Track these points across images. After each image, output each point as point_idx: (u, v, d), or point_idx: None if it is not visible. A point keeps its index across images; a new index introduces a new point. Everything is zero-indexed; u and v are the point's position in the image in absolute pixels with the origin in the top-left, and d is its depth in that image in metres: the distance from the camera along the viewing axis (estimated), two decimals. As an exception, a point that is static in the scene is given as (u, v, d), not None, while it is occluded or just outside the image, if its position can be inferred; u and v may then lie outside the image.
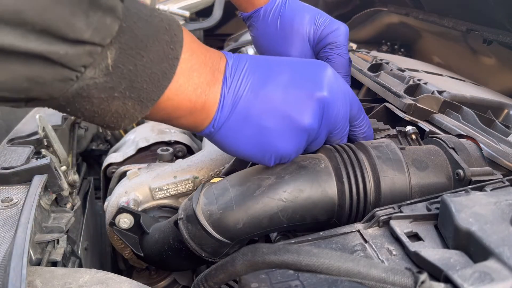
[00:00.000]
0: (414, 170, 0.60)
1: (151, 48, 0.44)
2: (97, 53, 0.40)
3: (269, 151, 0.55)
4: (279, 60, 0.58)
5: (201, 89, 0.50)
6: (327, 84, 0.56)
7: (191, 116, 0.51)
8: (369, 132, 0.67)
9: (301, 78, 0.56)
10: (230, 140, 0.54)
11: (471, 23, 1.12)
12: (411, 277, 0.37)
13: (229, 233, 0.57)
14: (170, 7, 1.79)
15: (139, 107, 0.46)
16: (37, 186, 0.64)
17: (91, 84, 0.41)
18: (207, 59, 0.52)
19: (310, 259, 0.38)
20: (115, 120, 0.46)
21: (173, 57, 0.47)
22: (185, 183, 0.85)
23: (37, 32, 0.35)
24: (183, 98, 0.49)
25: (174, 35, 0.47)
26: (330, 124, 0.59)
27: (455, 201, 0.47)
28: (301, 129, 0.55)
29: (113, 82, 0.43)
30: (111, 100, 0.44)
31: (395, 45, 1.66)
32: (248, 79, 0.53)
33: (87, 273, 0.50)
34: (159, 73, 0.45)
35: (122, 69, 0.43)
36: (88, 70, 0.41)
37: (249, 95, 0.53)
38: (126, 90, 0.44)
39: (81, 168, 1.20)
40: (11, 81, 0.37)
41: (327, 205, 0.58)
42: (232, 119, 0.53)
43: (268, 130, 0.54)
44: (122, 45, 0.42)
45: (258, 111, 0.53)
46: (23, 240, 0.51)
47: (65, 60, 0.38)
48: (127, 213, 0.73)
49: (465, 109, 0.78)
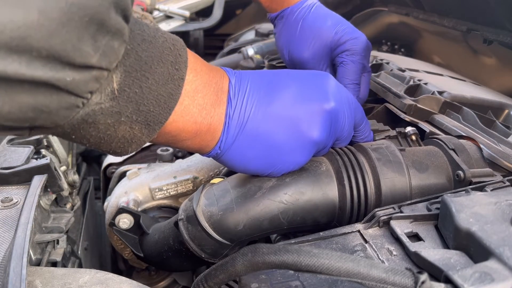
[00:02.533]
0: (414, 172, 0.60)
1: (156, 69, 0.43)
2: (104, 78, 0.39)
3: (277, 166, 0.55)
4: (282, 74, 0.57)
5: (206, 111, 0.50)
6: (333, 95, 0.56)
7: (196, 138, 0.51)
8: (369, 136, 0.67)
9: (306, 91, 0.55)
10: (237, 160, 0.54)
11: (471, 23, 1.12)
12: (412, 278, 0.37)
13: (229, 234, 0.57)
14: (170, 7, 1.80)
15: (146, 130, 0.45)
16: (37, 186, 0.64)
17: (97, 110, 0.41)
18: (211, 78, 0.51)
19: (310, 260, 0.38)
20: (122, 146, 0.45)
21: (178, 78, 0.46)
22: (185, 183, 0.85)
23: (43, 58, 0.34)
24: (189, 120, 0.49)
25: (179, 55, 0.46)
26: (337, 133, 0.59)
27: (455, 201, 0.47)
28: (311, 143, 0.55)
29: (119, 107, 0.42)
30: (117, 125, 0.43)
31: (395, 45, 1.66)
32: (254, 98, 0.53)
33: (87, 273, 0.50)
34: (165, 95, 0.45)
35: (128, 92, 0.42)
36: (94, 96, 0.40)
37: (256, 114, 0.52)
38: (133, 114, 0.43)
39: (81, 168, 1.20)
40: (16, 111, 0.36)
41: (328, 207, 0.58)
42: (239, 140, 0.52)
43: (277, 148, 0.54)
44: (127, 68, 0.41)
45: (266, 130, 0.53)
46: (23, 240, 0.50)
47: (72, 86, 0.37)
48: (127, 214, 0.73)
49: (465, 110, 0.78)
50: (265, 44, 1.41)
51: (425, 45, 1.56)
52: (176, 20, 1.80)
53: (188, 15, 1.80)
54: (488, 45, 1.08)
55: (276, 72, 0.57)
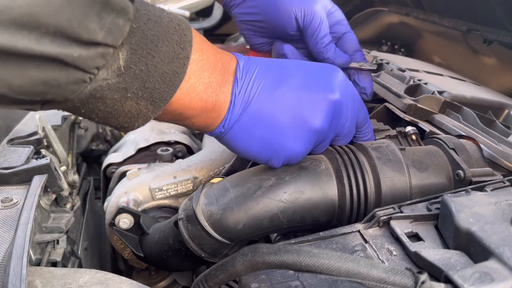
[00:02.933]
0: (415, 171, 0.60)
1: (162, 48, 0.45)
2: (110, 55, 0.41)
3: (278, 151, 0.55)
4: (291, 63, 0.58)
5: (212, 89, 0.51)
6: (339, 87, 0.57)
7: (202, 115, 0.52)
8: (371, 139, 0.67)
9: (313, 80, 0.56)
10: (240, 140, 0.55)
11: (471, 23, 1.12)
12: (412, 278, 0.37)
13: (229, 233, 0.57)
14: (170, 7, 1.79)
15: (152, 107, 0.47)
16: (37, 186, 0.64)
17: (104, 85, 0.42)
18: (217, 59, 0.52)
19: (310, 260, 0.38)
20: (129, 120, 0.47)
21: (184, 57, 0.47)
22: (185, 183, 0.85)
23: (51, 34, 0.36)
24: (194, 97, 0.50)
25: (184, 35, 0.47)
26: (338, 127, 0.59)
27: (455, 201, 0.47)
28: (312, 130, 0.55)
29: (125, 83, 0.43)
30: (124, 101, 0.44)
31: (396, 45, 1.66)
32: (260, 81, 0.54)
33: (87, 274, 0.49)
34: (170, 73, 0.46)
35: (134, 69, 0.43)
36: (101, 72, 0.41)
37: (261, 96, 0.53)
38: (139, 91, 0.44)
39: (81, 168, 1.20)
40: (27, 85, 0.38)
41: (328, 206, 0.58)
42: (243, 119, 0.53)
43: (279, 130, 0.54)
44: (133, 45, 0.43)
45: (270, 112, 0.54)
46: (23, 240, 0.50)
47: (79, 62, 0.39)
48: (127, 213, 0.73)
49: (465, 110, 0.78)
50: (265, 44, 1.40)
51: (425, 45, 1.56)
52: (176, 20, 1.79)
53: (188, 15, 1.79)
54: (488, 45, 1.08)
55: (285, 61, 0.58)
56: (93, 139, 1.36)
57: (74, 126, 1.16)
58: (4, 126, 1.27)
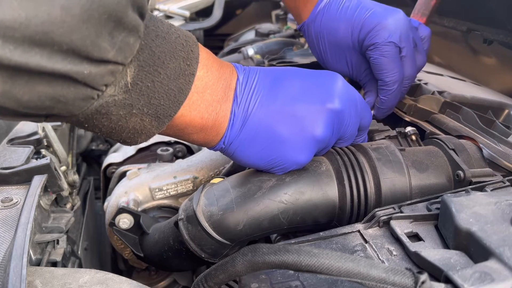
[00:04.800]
0: (414, 172, 0.60)
1: (168, 64, 0.45)
2: (119, 72, 0.41)
3: (280, 162, 0.56)
4: (289, 71, 0.57)
5: (213, 107, 0.51)
6: (338, 95, 0.56)
7: (202, 133, 0.52)
8: (365, 140, 0.67)
9: (311, 90, 0.56)
10: (241, 153, 0.55)
11: (471, 23, 1.12)
12: (412, 278, 0.37)
13: (229, 234, 0.57)
14: (170, 7, 1.79)
15: (156, 123, 0.47)
16: (37, 186, 0.64)
17: (111, 102, 0.42)
18: (220, 75, 0.52)
19: (310, 260, 0.38)
20: (132, 136, 0.47)
21: (190, 73, 0.47)
22: (185, 183, 0.85)
23: (63, 52, 0.36)
24: (196, 115, 0.50)
25: (191, 51, 0.47)
26: (340, 134, 0.59)
27: (455, 201, 0.47)
28: (314, 140, 0.55)
29: (131, 99, 0.43)
30: (129, 117, 0.45)
31: (395, 45, 1.65)
32: (258, 94, 0.54)
33: (87, 274, 0.49)
34: (175, 89, 0.46)
35: (141, 86, 0.43)
36: (109, 88, 0.41)
37: (259, 109, 0.53)
38: (144, 107, 0.45)
39: (81, 168, 1.20)
40: (35, 100, 0.38)
41: (328, 207, 0.58)
42: (243, 134, 0.53)
43: (279, 143, 0.54)
44: (140, 62, 0.43)
45: (270, 125, 0.53)
46: (23, 240, 0.50)
47: (89, 79, 0.39)
48: (127, 213, 0.73)
49: (465, 110, 0.78)
50: (265, 44, 1.41)
51: (425, 45, 1.56)
52: (176, 20, 1.80)
53: (188, 15, 1.79)
54: (488, 45, 1.08)
55: (284, 69, 0.58)
56: (93, 139, 1.36)
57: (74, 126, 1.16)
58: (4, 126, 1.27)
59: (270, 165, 0.56)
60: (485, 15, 1.05)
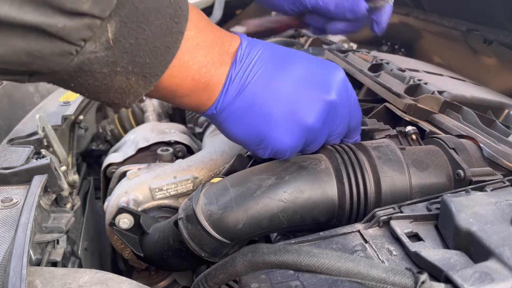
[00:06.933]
0: (415, 171, 0.60)
1: (153, 21, 0.43)
2: (97, 27, 0.40)
3: (267, 141, 0.55)
4: (295, 54, 0.57)
5: (206, 69, 0.50)
6: (337, 88, 0.56)
7: (193, 95, 0.51)
8: (357, 140, 0.67)
9: (313, 77, 0.55)
10: (230, 124, 0.54)
11: (471, 23, 1.12)
12: (412, 277, 0.37)
13: (229, 233, 0.57)
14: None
15: (142, 82, 0.45)
16: (37, 186, 0.64)
17: (93, 58, 0.41)
18: (217, 38, 0.51)
19: (310, 260, 0.38)
20: (120, 96, 0.46)
21: (177, 31, 0.46)
22: (185, 183, 0.85)
23: (33, 2, 0.35)
24: (187, 76, 0.49)
25: (179, 8, 0.46)
26: (331, 127, 0.59)
27: (455, 201, 0.47)
28: (303, 127, 0.54)
29: (114, 57, 0.42)
30: (114, 75, 0.43)
31: (396, 45, 1.66)
32: (260, 66, 0.53)
33: (87, 273, 0.49)
34: (162, 48, 0.45)
35: (124, 43, 0.42)
36: (88, 44, 0.40)
37: (258, 81, 0.52)
38: (129, 65, 0.43)
39: (81, 168, 1.20)
40: (9, 54, 0.37)
41: (328, 206, 0.58)
42: (236, 104, 0.52)
43: (271, 121, 0.53)
44: (122, 18, 0.41)
45: (265, 100, 0.53)
46: (23, 240, 0.50)
47: (63, 33, 0.38)
48: (127, 213, 0.73)
49: (465, 109, 0.78)
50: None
51: (425, 45, 1.56)
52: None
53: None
54: (488, 45, 1.08)
55: (290, 50, 0.57)
56: (93, 139, 1.36)
57: (74, 126, 1.16)
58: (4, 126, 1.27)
59: (256, 142, 0.55)
60: (485, 15, 1.05)
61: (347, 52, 1.15)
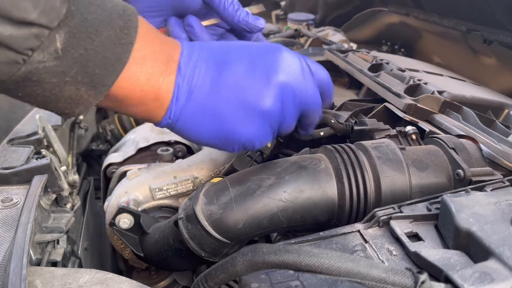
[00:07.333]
0: (415, 171, 0.60)
1: (103, 32, 0.44)
2: (44, 36, 0.40)
3: (230, 137, 0.54)
4: (234, 45, 0.56)
5: (154, 79, 0.50)
6: (283, 67, 0.55)
7: (143, 105, 0.51)
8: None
9: (256, 63, 0.54)
10: (190, 129, 0.54)
11: (471, 23, 1.12)
12: (411, 277, 0.37)
13: (229, 233, 0.57)
14: (170, 7, 1.79)
15: (92, 92, 0.45)
16: (37, 186, 0.64)
17: (41, 68, 0.41)
18: (163, 48, 0.51)
19: (310, 260, 0.38)
20: (69, 106, 0.46)
21: (127, 42, 0.46)
22: (185, 183, 0.85)
23: None
24: (136, 86, 0.49)
25: (129, 20, 0.46)
26: (296, 105, 0.57)
27: (455, 201, 0.47)
28: (259, 113, 0.53)
29: (63, 67, 0.42)
30: (63, 85, 0.43)
31: (395, 45, 1.66)
32: (202, 67, 0.53)
33: (87, 273, 0.49)
34: (112, 58, 0.45)
35: (73, 53, 0.42)
36: (36, 54, 0.40)
37: (204, 84, 0.52)
38: (78, 75, 0.43)
39: (81, 168, 1.20)
40: None
41: (327, 205, 0.58)
42: (189, 109, 0.52)
43: (226, 117, 0.53)
44: (71, 28, 0.41)
45: (214, 99, 0.52)
46: (23, 240, 0.50)
47: (10, 41, 0.38)
48: (127, 213, 0.73)
49: (465, 109, 0.78)
50: (265, 44, 1.40)
51: (425, 45, 1.56)
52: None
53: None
54: (488, 45, 1.08)
55: (229, 44, 0.57)
56: (93, 139, 1.36)
57: (74, 126, 1.16)
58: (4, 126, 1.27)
59: (220, 141, 0.55)
60: (485, 15, 1.05)
61: (347, 52, 1.15)
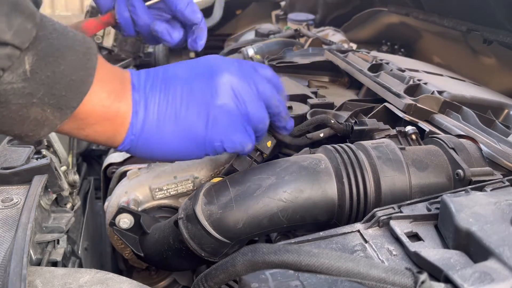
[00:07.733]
0: (414, 171, 0.60)
1: (68, 57, 0.46)
2: (16, 57, 0.41)
3: (197, 139, 0.55)
4: (173, 65, 0.58)
5: (114, 95, 0.52)
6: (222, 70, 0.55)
7: (105, 122, 0.52)
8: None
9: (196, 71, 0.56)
10: (155, 141, 0.54)
11: (471, 23, 1.12)
12: (411, 277, 0.37)
13: (229, 233, 0.57)
14: (170, 7, 1.79)
15: (58, 114, 0.47)
16: (37, 186, 0.64)
17: (9, 89, 0.42)
18: (116, 71, 0.54)
19: (310, 259, 0.38)
20: (34, 128, 0.47)
21: (91, 66, 0.48)
22: (185, 183, 0.85)
23: None
24: (98, 103, 0.50)
25: (90, 48, 0.49)
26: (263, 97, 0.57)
27: (455, 201, 0.47)
28: (217, 108, 0.54)
29: (31, 88, 0.43)
30: (29, 106, 0.44)
31: (395, 45, 1.66)
32: (154, 82, 0.55)
33: (87, 273, 0.50)
34: (77, 81, 0.47)
35: (40, 75, 0.43)
36: (6, 74, 0.41)
37: (157, 94, 0.54)
38: (45, 97, 0.45)
39: (81, 168, 1.20)
40: None
41: (327, 205, 0.58)
42: (149, 120, 0.53)
43: (186, 118, 0.54)
44: (39, 51, 0.43)
45: (172, 106, 0.54)
46: (23, 240, 0.50)
47: None
48: (127, 213, 0.73)
49: (465, 109, 0.78)
50: (265, 44, 1.41)
51: (425, 45, 1.56)
52: (176, 20, 1.79)
53: (188, 15, 1.79)
54: (488, 45, 1.08)
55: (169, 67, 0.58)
56: (93, 139, 1.35)
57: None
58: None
59: (189, 145, 0.55)
60: (485, 15, 1.05)
61: (347, 52, 1.15)
